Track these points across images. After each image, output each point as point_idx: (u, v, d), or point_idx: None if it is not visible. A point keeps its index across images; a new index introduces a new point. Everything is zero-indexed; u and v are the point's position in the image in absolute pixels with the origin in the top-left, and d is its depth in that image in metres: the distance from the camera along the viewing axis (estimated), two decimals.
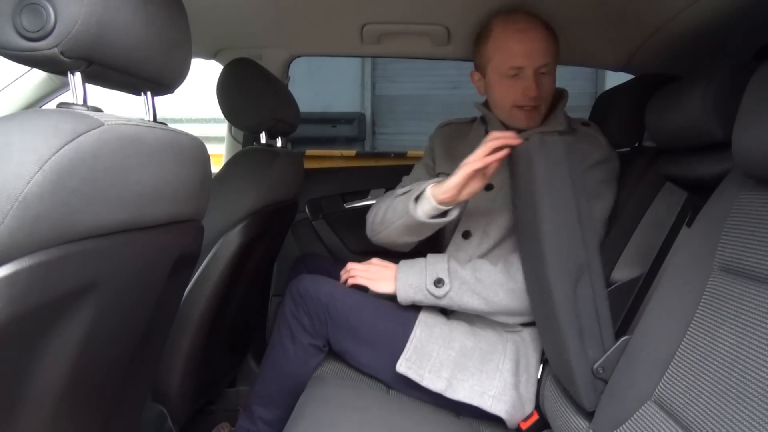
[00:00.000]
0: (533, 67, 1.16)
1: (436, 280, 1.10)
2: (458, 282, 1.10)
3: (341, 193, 1.87)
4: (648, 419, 0.71)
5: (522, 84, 1.17)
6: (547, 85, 1.19)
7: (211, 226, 1.08)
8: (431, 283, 1.11)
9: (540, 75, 1.17)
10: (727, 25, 1.09)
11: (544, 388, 1.03)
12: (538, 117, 1.21)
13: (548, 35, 1.19)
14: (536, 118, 1.21)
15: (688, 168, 0.99)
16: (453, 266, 1.12)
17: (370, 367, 1.14)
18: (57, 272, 0.56)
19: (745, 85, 0.70)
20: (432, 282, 1.11)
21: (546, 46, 1.17)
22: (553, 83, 1.21)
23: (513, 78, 1.18)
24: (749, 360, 0.60)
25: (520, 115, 1.20)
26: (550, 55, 1.18)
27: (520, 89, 1.17)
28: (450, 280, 1.10)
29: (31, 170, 0.51)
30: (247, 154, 1.34)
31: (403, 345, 1.08)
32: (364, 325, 1.11)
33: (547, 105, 1.21)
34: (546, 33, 1.18)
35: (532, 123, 1.21)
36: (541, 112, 1.21)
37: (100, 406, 0.79)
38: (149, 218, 0.70)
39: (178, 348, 1.18)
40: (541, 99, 1.18)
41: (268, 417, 1.17)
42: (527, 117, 1.20)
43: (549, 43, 1.18)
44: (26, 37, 0.58)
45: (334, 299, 1.13)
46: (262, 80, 1.32)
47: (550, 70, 1.18)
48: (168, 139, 0.72)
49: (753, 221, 0.67)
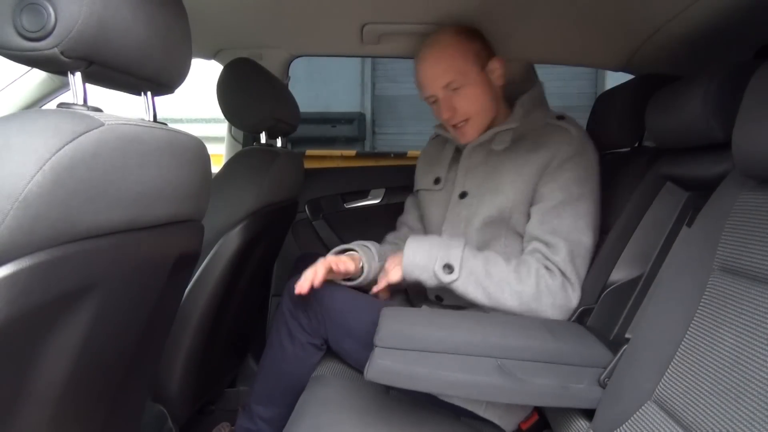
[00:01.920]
0: (439, 91, 1.20)
1: (446, 265, 1.07)
2: (467, 272, 1.07)
3: (341, 193, 1.87)
4: (648, 419, 0.71)
5: (440, 108, 1.22)
6: (466, 99, 1.19)
7: (211, 226, 1.08)
8: (440, 267, 1.07)
9: (452, 93, 1.19)
10: (727, 25, 1.09)
11: None
12: (472, 129, 1.23)
13: (447, 53, 1.19)
14: (469, 132, 1.23)
15: (688, 168, 0.99)
16: (467, 254, 1.09)
17: None
18: (57, 272, 0.56)
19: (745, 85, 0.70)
20: (441, 266, 1.07)
21: (443, 67, 1.18)
22: (473, 93, 1.20)
23: (434, 104, 1.24)
24: (749, 360, 0.60)
25: (455, 132, 1.25)
26: (454, 71, 1.18)
27: (441, 113, 1.22)
28: (460, 269, 1.07)
29: (31, 170, 0.51)
30: (247, 154, 1.34)
31: None
32: (362, 324, 1.10)
33: (480, 113, 1.22)
34: (443, 53, 1.19)
35: (467, 137, 1.24)
36: (476, 123, 1.22)
37: (100, 406, 0.79)
38: (149, 218, 0.70)
39: (178, 348, 1.18)
40: (464, 114, 1.20)
41: (267, 416, 1.18)
42: (460, 133, 1.24)
43: (449, 61, 1.18)
44: (26, 37, 0.57)
45: (332, 299, 1.13)
46: (262, 80, 1.32)
47: (461, 84, 1.18)
48: (168, 139, 0.72)
49: (753, 221, 0.67)
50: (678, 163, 1.03)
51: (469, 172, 1.25)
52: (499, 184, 1.18)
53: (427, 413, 1.05)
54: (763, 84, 0.68)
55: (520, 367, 0.86)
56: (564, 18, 1.29)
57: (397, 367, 0.86)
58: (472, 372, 0.87)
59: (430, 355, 0.86)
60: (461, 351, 0.87)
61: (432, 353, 0.87)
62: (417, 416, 1.02)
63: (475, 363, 0.88)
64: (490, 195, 1.18)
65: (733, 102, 0.72)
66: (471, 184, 1.23)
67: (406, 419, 0.99)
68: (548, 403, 0.91)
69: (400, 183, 1.81)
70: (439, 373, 0.86)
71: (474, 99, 1.20)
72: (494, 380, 0.86)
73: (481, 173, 1.23)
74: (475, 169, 1.24)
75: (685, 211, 1.00)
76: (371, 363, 0.86)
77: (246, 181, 1.25)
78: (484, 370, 0.87)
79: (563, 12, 1.26)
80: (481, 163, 1.24)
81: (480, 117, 1.22)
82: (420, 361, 0.86)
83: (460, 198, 1.24)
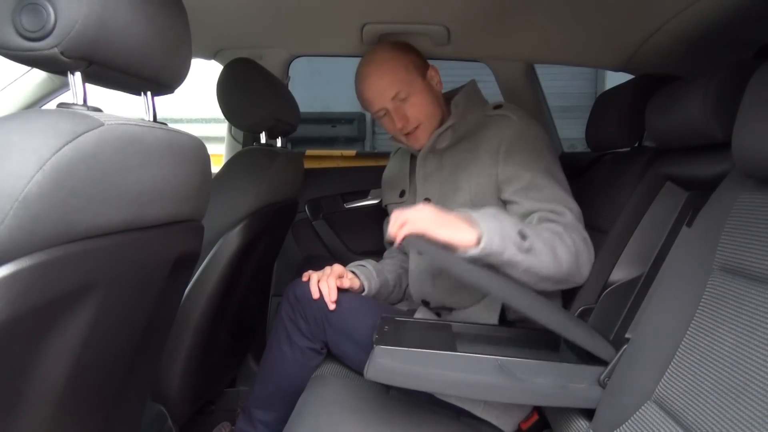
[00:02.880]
0: (388, 103, 1.22)
1: (519, 232, 0.96)
2: (535, 234, 0.98)
3: (341, 193, 1.87)
4: (648, 419, 0.71)
5: (391, 119, 1.25)
6: (414, 107, 1.23)
7: (211, 226, 1.08)
8: (516, 233, 0.95)
9: (401, 103, 1.22)
10: (727, 25, 1.09)
11: None
12: (424, 134, 1.25)
13: (386, 67, 1.22)
14: (421, 137, 1.26)
15: (688, 168, 0.99)
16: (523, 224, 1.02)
17: None
18: (57, 272, 0.56)
19: (745, 85, 0.70)
20: (516, 232, 0.95)
21: (388, 79, 1.21)
22: (420, 100, 1.23)
23: (384, 117, 1.26)
24: (749, 360, 0.60)
25: (409, 140, 1.27)
26: (398, 82, 1.21)
27: (392, 123, 1.25)
28: (532, 234, 0.97)
29: (31, 170, 0.51)
30: (247, 154, 1.34)
31: None
32: (362, 327, 1.10)
33: (429, 118, 1.25)
34: (382, 68, 1.22)
35: (420, 143, 1.27)
36: (426, 128, 1.25)
37: (100, 405, 0.79)
38: (149, 218, 0.70)
39: (178, 348, 1.17)
40: (415, 121, 1.23)
41: (266, 419, 1.18)
42: (414, 140, 1.27)
43: (391, 74, 1.21)
44: (26, 37, 0.57)
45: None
46: (262, 80, 1.32)
47: (408, 93, 1.21)
48: (168, 139, 0.72)
49: (753, 221, 0.67)
50: (678, 163, 1.03)
51: (428, 178, 1.28)
52: (457, 183, 1.21)
53: (427, 413, 1.05)
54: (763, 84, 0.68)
55: (519, 366, 0.86)
56: (564, 18, 1.29)
57: (397, 366, 0.86)
58: (472, 371, 0.87)
59: (431, 355, 0.86)
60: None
61: (432, 352, 0.87)
62: (417, 416, 1.02)
63: (475, 362, 0.88)
64: (452, 195, 1.21)
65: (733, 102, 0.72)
66: (431, 190, 1.27)
67: (406, 419, 0.99)
68: (548, 403, 0.91)
69: None
70: (439, 372, 0.86)
71: (421, 106, 1.24)
72: (494, 380, 0.86)
73: (437, 178, 1.26)
74: (431, 175, 1.28)
75: (685, 211, 1.00)
76: (371, 362, 0.86)
77: (246, 181, 1.25)
78: (483, 369, 0.87)
79: (563, 12, 1.26)
80: (435, 168, 1.27)
81: (429, 121, 1.25)
82: (420, 361, 0.86)
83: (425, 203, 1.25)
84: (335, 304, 1.11)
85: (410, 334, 0.99)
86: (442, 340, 0.96)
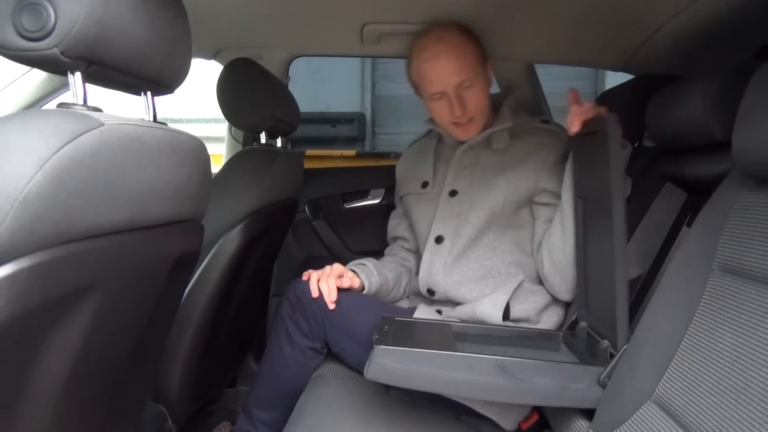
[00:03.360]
0: (451, 89, 1.19)
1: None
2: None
3: (341, 193, 1.87)
4: (648, 419, 0.71)
5: (447, 104, 1.21)
6: (475, 97, 1.21)
7: (211, 226, 1.08)
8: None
9: (463, 91, 1.20)
10: (727, 25, 1.09)
11: None
12: (475, 127, 1.25)
13: (460, 51, 1.20)
14: (473, 129, 1.25)
15: (688, 168, 0.99)
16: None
17: None
18: (57, 272, 0.56)
19: (745, 85, 0.70)
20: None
21: (458, 64, 1.19)
22: (480, 92, 1.22)
23: (439, 100, 1.23)
24: (749, 360, 0.60)
25: (457, 130, 1.26)
26: (467, 69, 1.19)
27: (447, 109, 1.22)
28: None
29: (31, 170, 0.51)
30: (247, 154, 1.34)
31: None
32: (362, 325, 1.11)
33: (483, 113, 1.25)
34: (457, 51, 1.20)
35: (470, 134, 1.26)
36: (478, 121, 1.25)
37: (100, 406, 0.79)
38: (149, 218, 0.70)
39: (178, 348, 1.17)
40: (472, 112, 1.22)
41: (267, 419, 1.18)
42: (464, 131, 1.25)
43: (462, 60, 1.19)
44: (26, 37, 0.57)
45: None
46: (262, 80, 1.32)
47: (472, 83, 1.20)
48: (168, 139, 0.72)
49: (753, 221, 0.67)
50: (678, 163, 1.03)
51: (460, 172, 1.28)
52: (492, 182, 1.21)
53: (427, 413, 1.05)
54: (763, 84, 0.68)
55: (519, 366, 0.86)
56: (564, 18, 1.29)
57: (397, 366, 0.86)
58: (472, 371, 0.87)
59: (431, 355, 0.86)
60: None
61: (432, 352, 0.87)
62: (417, 416, 1.02)
63: (475, 362, 0.88)
64: (484, 192, 1.22)
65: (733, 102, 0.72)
66: (462, 183, 1.27)
67: (405, 419, 0.99)
68: (548, 403, 0.91)
69: None
70: (439, 372, 0.86)
71: (480, 98, 1.23)
72: (494, 380, 0.86)
73: (470, 173, 1.26)
74: (465, 169, 1.28)
75: (685, 211, 1.00)
76: (371, 362, 0.86)
77: (246, 181, 1.25)
78: (484, 369, 0.87)
79: (563, 12, 1.26)
80: (470, 164, 1.27)
81: (482, 116, 1.25)
82: (420, 361, 0.86)
83: (450, 196, 1.27)
84: (335, 304, 1.11)
85: (410, 334, 0.99)
86: (443, 340, 0.96)
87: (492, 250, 1.21)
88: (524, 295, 1.17)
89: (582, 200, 1.06)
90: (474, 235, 1.21)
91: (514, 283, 1.16)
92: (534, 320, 1.16)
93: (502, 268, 1.20)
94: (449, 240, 1.23)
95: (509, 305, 1.15)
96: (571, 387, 0.85)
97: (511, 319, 1.15)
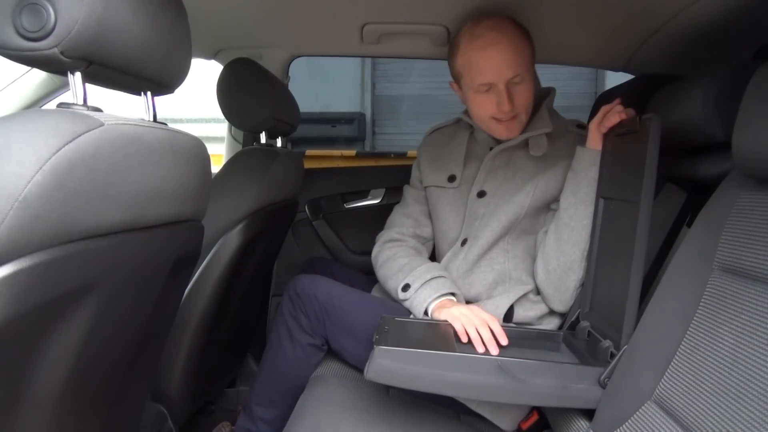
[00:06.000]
0: (503, 82, 1.13)
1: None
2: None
3: (341, 193, 1.87)
4: (648, 419, 0.71)
5: (495, 98, 1.15)
6: (523, 94, 1.15)
7: (211, 226, 1.08)
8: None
9: (513, 86, 1.14)
10: (727, 25, 1.09)
11: None
12: (518, 126, 1.19)
13: (516, 44, 1.14)
14: (516, 128, 1.19)
15: (688, 168, 0.99)
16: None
17: None
18: (57, 272, 0.56)
19: (745, 85, 0.70)
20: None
21: (513, 57, 1.12)
22: (529, 89, 1.17)
23: (486, 93, 1.16)
24: (749, 360, 0.60)
25: (499, 127, 1.19)
26: (521, 64, 1.13)
27: (493, 103, 1.15)
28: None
29: (31, 170, 0.51)
30: (247, 154, 1.34)
31: None
32: (361, 322, 1.11)
33: (527, 112, 1.19)
34: (513, 43, 1.13)
35: (513, 133, 1.20)
36: (522, 120, 1.19)
37: (100, 406, 0.79)
38: (149, 218, 0.70)
39: (178, 348, 1.18)
40: (518, 109, 1.16)
41: (267, 416, 1.18)
42: (507, 128, 1.19)
43: (517, 53, 1.13)
44: (26, 37, 0.57)
45: (332, 298, 1.13)
46: (262, 80, 1.32)
47: (523, 79, 1.14)
48: (168, 139, 0.72)
49: (753, 221, 0.67)
50: (678, 163, 1.03)
51: (491, 172, 1.24)
52: (522, 185, 1.18)
53: (427, 413, 1.05)
54: (763, 84, 0.68)
55: (519, 366, 0.86)
56: (564, 18, 1.29)
57: (397, 366, 0.86)
58: (472, 372, 0.87)
59: (431, 355, 0.86)
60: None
61: (432, 353, 0.87)
62: (417, 416, 1.02)
63: (475, 363, 0.88)
64: (511, 195, 1.18)
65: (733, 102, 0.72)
66: (491, 184, 1.23)
67: (405, 419, 0.99)
68: (548, 403, 0.91)
69: (400, 183, 1.80)
70: (439, 372, 0.86)
71: (528, 96, 1.17)
72: (494, 380, 0.86)
73: (501, 174, 1.23)
74: (497, 169, 1.24)
75: (685, 211, 1.00)
76: (371, 362, 0.86)
77: (246, 181, 1.25)
78: (484, 369, 0.87)
79: (563, 12, 1.26)
80: (502, 165, 1.23)
81: (526, 114, 1.20)
82: (420, 361, 0.86)
83: (478, 197, 1.23)
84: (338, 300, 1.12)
85: (410, 335, 0.99)
86: (442, 340, 0.96)
87: (505, 253, 1.20)
88: (529, 303, 1.17)
89: (604, 200, 1.05)
90: (493, 239, 1.19)
91: (520, 291, 1.16)
92: (535, 324, 1.17)
93: (513, 274, 1.19)
94: (469, 242, 1.22)
95: (513, 309, 1.15)
96: (572, 387, 0.85)
97: (513, 322, 1.15)
